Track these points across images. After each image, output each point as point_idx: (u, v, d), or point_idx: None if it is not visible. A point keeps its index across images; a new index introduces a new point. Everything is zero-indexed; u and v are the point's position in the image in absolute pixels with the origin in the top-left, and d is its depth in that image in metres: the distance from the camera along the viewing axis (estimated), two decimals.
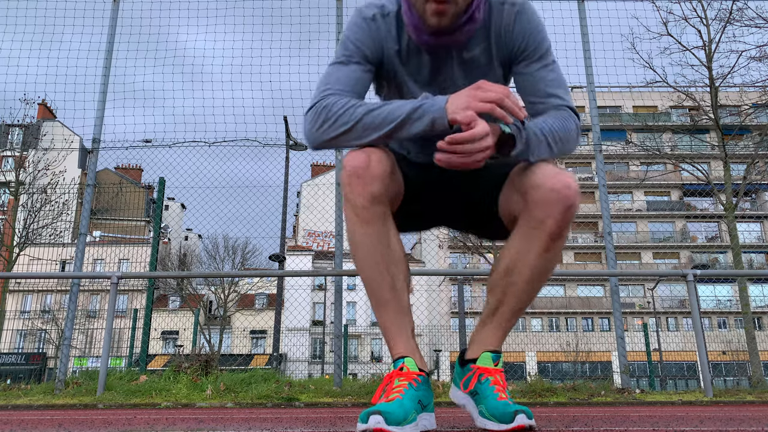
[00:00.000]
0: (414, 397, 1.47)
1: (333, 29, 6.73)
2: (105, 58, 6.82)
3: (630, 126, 19.95)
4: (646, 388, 6.61)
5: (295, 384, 5.46)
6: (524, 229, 1.54)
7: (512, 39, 1.62)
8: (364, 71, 1.61)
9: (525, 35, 1.61)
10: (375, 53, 1.63)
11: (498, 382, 1.55)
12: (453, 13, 1.51)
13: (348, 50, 1.61)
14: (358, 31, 1.62)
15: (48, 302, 34.17)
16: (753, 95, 15.82)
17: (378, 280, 1.57)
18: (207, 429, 1.79)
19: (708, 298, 40.73)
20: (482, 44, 1.63)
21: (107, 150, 6.61)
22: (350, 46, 1.61)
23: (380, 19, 1.63)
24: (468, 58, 1.64)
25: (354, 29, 1.63)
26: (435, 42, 1.60)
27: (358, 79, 1.60)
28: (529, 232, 1.53)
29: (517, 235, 1.57)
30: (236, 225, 28.71)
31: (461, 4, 1.52)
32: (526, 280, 1.56)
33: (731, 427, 1.64)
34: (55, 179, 16.95)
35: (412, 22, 1.59)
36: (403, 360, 1.54)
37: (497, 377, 1.57)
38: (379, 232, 1.53)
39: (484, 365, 1.59)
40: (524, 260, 1.55)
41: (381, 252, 1.55)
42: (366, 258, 1.56)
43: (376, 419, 1.32)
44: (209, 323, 39.80)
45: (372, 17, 1.63)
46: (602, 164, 6.53)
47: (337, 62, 1.61)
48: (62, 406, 4.47)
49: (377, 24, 1.63)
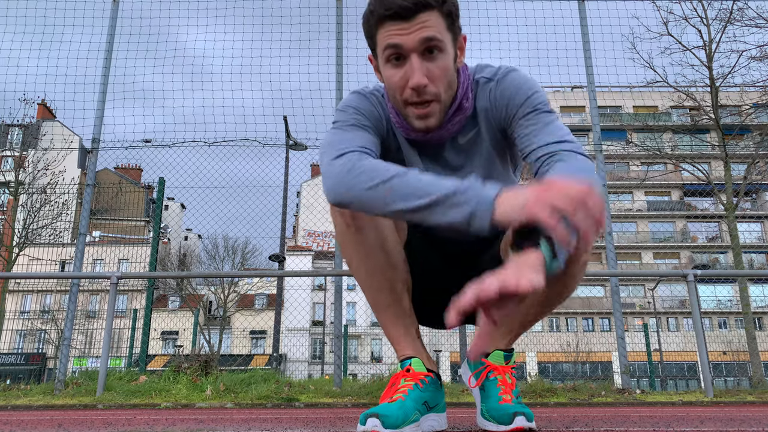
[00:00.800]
0: (418, 398, 1.46)
1: (333, 29, 6.72)
2: (105, 57, 6.82)
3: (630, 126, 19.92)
4: (646, 389, 6.60)
5: (295, 384, 5.46)
6: None
7: (498, 111, 1.51)
8: (374, 136, 1.49)
9: (507, 102, 1.48)
10: (377, 124, 1.53)
11: (505, 382, 1.55)
12: (439, 111, 1.44)
13: (355, 115, 1.50)
14: (361, 102, 1.53)
15: (47, 302, 34.16)
16: (753, 95, 15.82)
17: (376, 287, 1.55)
18: (207, 429, 1.78)
19: (708, 298, 40.72)
20: (475, 128, 1.55)
21: (107, 150, 6.61)
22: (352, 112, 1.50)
23: (380, 96, 1.56)
24: (463, 142, 1.56)
25: (355, 100, 1.54)
26: (424, 139, 1.52)
27: (374, 143, 1.46)
28: None
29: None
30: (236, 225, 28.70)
31: (445, 100, 1.43)
32: (534, 303, 1.54)
33: (732, 427, 1.64)
34: (54, 179, 16.92)
35: (398, 121, 1.52)
36: (409, 361, 1.53)
37: (505, 376, 1.57)
38: (372, 237, 1.50)
39: (495, 362, 1.59)
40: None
41: (375, 258, 1.52)
42: (360, 266, 1.54)
43: (374, 422, 1.31)
44: (209, 323, 39.82)
45: (371, 93, 1.56)
46: (603, 164, 6.53)
47: (348, 125, 1.47)
48: (62, 406, 4.46)
49: (377, 100, 1.56)
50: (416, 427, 1.40)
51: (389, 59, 1.38)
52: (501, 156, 1.59)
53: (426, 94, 1.39)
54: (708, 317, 40.79)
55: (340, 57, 6.61)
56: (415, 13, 1.32)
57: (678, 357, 37.07)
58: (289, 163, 15.78)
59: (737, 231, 12.91)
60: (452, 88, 1.45)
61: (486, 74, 1.53)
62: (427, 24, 1.33)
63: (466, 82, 1.50)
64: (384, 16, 1.34)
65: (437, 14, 1.35)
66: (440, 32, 1.35)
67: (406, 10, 1.32)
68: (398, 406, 1.39)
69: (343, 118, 1.49)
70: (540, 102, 1.45)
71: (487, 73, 1.53)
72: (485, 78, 1.53)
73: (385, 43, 1.37)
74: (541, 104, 1.45)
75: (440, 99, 1.41)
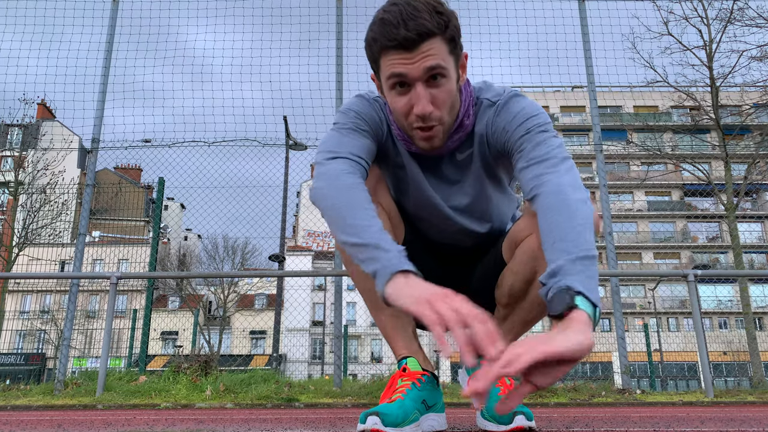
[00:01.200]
0: (417, 396, 1.46)
1: (333, 28, 6.72)
2: (105, 57, 6.82)
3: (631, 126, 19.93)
4: (646, 389, 6.59)
5: (295, 384, 5.46)
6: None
7: (495, 138, 1.52)
8: (371, 141, 1.53)
9: (507, 127, 1.48)
10: (377, 129, 1.56)
11: (504, 382, 1.54)
12: (442, 133, 1.46)
13: (355, 119, 1.52)
14: (363, 106, 1.56)
15: (47, 302, 34.16)
16: (754, 95, 15.82)
17: (372, 288, 1.55)
18: (206, 430, 1.78)
19: (709, 298, 40.71)
20: (470, 149, 1.57)
21: (106, 150, 6.60)
22: (353, 116, 1.53)
23: (378, 107, 1.57)
24: (460, 159, 1.59)
25: (357, 103, 1.57)
26: (425, 153, 1.55)
27: (368, 149, 1.50)
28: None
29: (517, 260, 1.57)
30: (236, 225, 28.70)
31: (448, 120, 1.45)
32: (538, 302, 1.55)
33: (732, 427, 1.63)
34: (54, 179, 16.92)
35: (401, 135, 1.54)
36: (405, 360, 1.53)
37: (505, 378, 1.56)
38: None
39: None
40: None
41: None
42: (358, 267, 1.54)
43: (374, 420, 1.31)
44: (209, 323, 39.81)
45: (375, 99, 1.58)
46: (603, 164, 6.52)
47: (346, 128, 1.50)
48: (61, 406, 4.45)
49: (380, 106, 1.57)
50: (416, 427, 1.40)
51: (393, 87, 1.40)
52: (491, 176, 1.62)
53: (431, 120, 1.41)
54: (708, 317, 40.79)
55: (340, 57, 6.61)
56: (418, 43, 1.33)
57: (678, 357, 37.06)
58: (289, 163, 15.79)
59: (737, 231, 12.92)
60: (455, 109, 1.47)
61: (490, 97, 1.54)
62: (430, 53, 1.34)
63: (468, 99, 1.51)
64: (387, 46, 1.35)
65: (440, 41, 1.35)
66: (443, 59, 1.36)
67: (409, 41, 1.32)
68: (398, 406, 1.39)
69: (342, 121, 1.52)
70: (534, 124, 1.44)
71: (491, 95, 1.54)
72: (488, 101, 1.54)
73: (389, 72, 1.37)
74: (535, 126, 1.44)
75: (444, 122, 1.44)
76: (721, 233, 42.89)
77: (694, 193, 39.53)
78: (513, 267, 1.57)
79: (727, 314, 41.29)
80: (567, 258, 1.16)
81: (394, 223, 1.60)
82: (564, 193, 1.28)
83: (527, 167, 1.38)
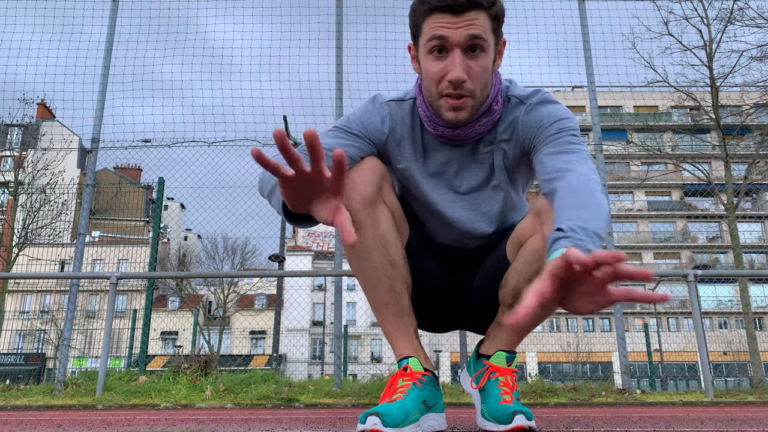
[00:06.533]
0: (417, 397, 1.46)
1: (333, 28, 6.72)
2: (104, 57, 6.81)
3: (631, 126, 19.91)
4: (646, 389, 6.60)
5: (295, 385, 5.46)
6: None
7: (526, 133, 1.53)
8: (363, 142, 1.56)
9: (538, 125, 1.51)
10: (375, 131, 1.58)
11: (507, 383, 1.55)
12: (471, 107, 1.47)
13: (347, 122, 1.57)
14: (365, 110, 1.59)
15: (47, 302, 34.14)
16: (754, 95, 15.83)
17: (375, 285, 1.55)
18: (206, 430, 1.78)
19: (709, 298, 40.71)
20: (491, 144, 1.58)
21: (106, 150, 6.60)
22: (345, 119, 1.58)
23: (395, 106, 1.60)
24: (483, 152, 1.59)
25: (361, 108, 1.60)
26: (451, 135, 1.55)
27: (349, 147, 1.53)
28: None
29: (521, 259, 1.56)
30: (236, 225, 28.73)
31: (479, 97, 1.47)
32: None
33: (732, 427, 1.63)
34: (54, 179, 16.92)
35: (427, 115, 1.55)
36: (406, 360, 1.53)
37: (507, 378, 1.56)
38: (373, 235, 1.50)
39: (496, 363, 1.59)
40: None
41: (376, 256, 1.52)
42: (361, 263, 1.54)
43: (374, 420, 1.31)
44: (209, 323, 39.80)
45: (386, 102, 1.61)
46: (603, 164, 6.52)
47: (332, 129, 1.57)
48: (61, 406, 4.45)
49: (391, 109, 1.60)
50: (416, 427, 1.40)
51: (432, 50, 1.42)
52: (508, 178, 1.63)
53: (462, 89, 1.42)
54: (708, 317, 40.80)
55: (339, 57, 6.61)
56: (466, 10, 1.37)
57: (678, 357, 37.05)
58: None
59: (737, 231, 12.91)
60: (487, 89, 1.48)
61: (518, 94, 1.56)
62: (475, 22, 1.38)
63: (498, 86, 1.53)
64: (435, 7, 1.38)
65: (485, 15, 1.39)
66: (486, 33, 1.39)
67: (458, 4, 1.36)
68: (398, 406, 1.38)
69: (339, 122, 1.57)
70: (566, 127, 1.48)
71: (520, 93, 1.56)
72: (516, 99, 1.56)
73: (431, 33, 1.40)
74: (566, 129, 1.47)
75: (475, 96, 1.45)
76: (721, 233, 42.89)
77: (694, 193, 39.57)
78: (517, 266, 1.56)
79: (727, 314, 41.30)
80: (581, 225, 1.16)
81: (398, 221, 1.60)
82: (591, 183, 1.31)
83: (556, 154, 1.41)
